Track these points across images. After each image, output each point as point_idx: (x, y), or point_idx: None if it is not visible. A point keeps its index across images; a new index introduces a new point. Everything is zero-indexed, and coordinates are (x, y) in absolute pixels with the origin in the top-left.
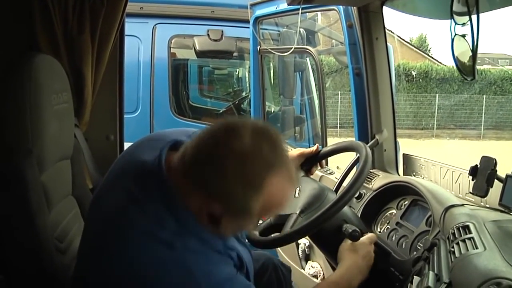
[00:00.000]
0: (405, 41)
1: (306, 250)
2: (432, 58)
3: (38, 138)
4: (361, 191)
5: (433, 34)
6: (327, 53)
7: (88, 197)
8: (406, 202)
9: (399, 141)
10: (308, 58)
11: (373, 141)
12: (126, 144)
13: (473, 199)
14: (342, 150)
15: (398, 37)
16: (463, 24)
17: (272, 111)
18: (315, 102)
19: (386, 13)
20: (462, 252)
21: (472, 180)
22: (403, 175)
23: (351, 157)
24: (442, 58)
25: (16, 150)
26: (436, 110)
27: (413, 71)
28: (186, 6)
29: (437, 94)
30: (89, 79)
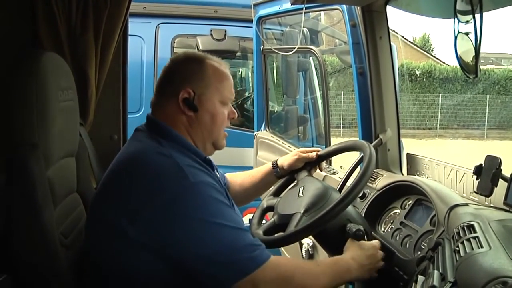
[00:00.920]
0: (408, 41)
1: (310, 250)
2: (435, 58)
3: (44, 133)
4: (365, 191)
5: (436, 34)
6: (331, 52)
7: (92, 195)
8: (410, 201)
9: (403, 141)
10: (311, 57)
11: (376, 140)
12: None
13: (477, 199)
14: (346, 149)
15: (401, 37)
16: (467, 22)
17: (275, 111)
18: (319, 102)
19: (390, 13)
20: (467, 251)
21: (476, 179)
22: (407, 175)
23: (355, 156)
24: (445, 58)
25: (22, 144)
26: (439, 110)
27: (416, 71)
28: (189, 6)
29: (440, 94)
30: (92, 79)
